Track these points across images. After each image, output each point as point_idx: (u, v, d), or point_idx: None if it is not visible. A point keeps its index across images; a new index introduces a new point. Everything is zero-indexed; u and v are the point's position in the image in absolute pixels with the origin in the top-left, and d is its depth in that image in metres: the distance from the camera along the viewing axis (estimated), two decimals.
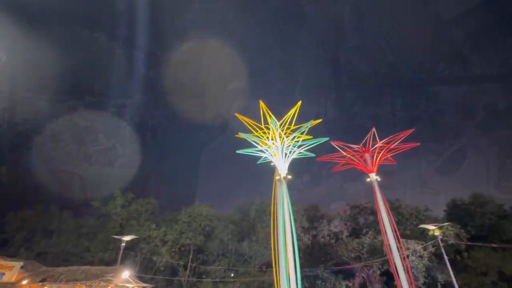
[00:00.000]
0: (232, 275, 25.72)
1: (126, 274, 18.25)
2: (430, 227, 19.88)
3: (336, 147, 14.83)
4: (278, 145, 11.85)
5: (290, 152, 12.12)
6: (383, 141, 14.31)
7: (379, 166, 14.36)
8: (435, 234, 19.24)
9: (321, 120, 14.13)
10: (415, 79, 78.27)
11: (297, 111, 13.64)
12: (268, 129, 13.68)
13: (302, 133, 12.17)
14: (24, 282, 16.52)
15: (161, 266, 25.60)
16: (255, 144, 13.86)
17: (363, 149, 14.73)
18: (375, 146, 14.38)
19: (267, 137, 13.18)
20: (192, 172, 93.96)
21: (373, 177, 13.97)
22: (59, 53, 54.65)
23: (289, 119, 13.67)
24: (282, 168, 11.40)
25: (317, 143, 12.81)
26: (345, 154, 14.88)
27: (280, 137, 12.12)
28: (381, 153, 14.27)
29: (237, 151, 13.70)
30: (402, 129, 14.43)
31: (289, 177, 11.22)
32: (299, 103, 13.73)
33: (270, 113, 13.33)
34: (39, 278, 16.60)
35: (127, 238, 22.46)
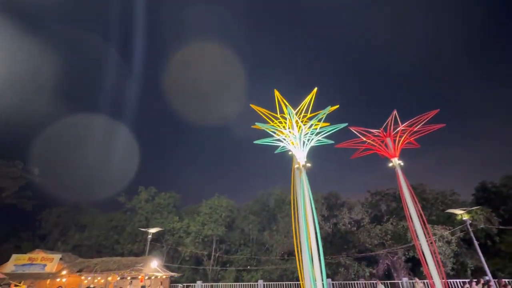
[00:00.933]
0: (255, 263, 26.28)
1: (154, 264, 19.17)
2: (458, 211, 19.09)
3: (355, 132, 14.39)
4: (296, 134, 11.70)
5: (308, 140, 11.94)
6: (405, 123, 13.71)
7: (402, 149, 13.83)
8: (464, 218, 18.48)
9: (338, 106, 13.69)
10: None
11: (313, 98, 13.31)
12: (284, 118, 13.52)
13: (319, 120, 11.93)
14: (64, 272, 17.85)
15: (186, 256, 26.66)
16: (272, 134, 13.79)
17: (384, 133, 14.20)
18: (397, 130, 13.82)
19: (284, 126, 13.04)
20: (209, 166, 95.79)
21: (396, 161, 13.49)
22: (56, 54, 55.08)
23: (305, 107, 13.42)
24: (300, 156, 11.28)
25: (336, 130, 12.49)
26: (365, 139, 14.44)
27: (297, 125, 11.94)
28: (403, 137, 13.71)
29: (255, 142, 13.70)
30: (426, 110, 13.65)
31: (308, 165, 11.10)
32: (315, 89, 13.36)
33: (286, 102, 13.14)
34: (77, 268, 17.86)
35: (153, 230, 23.51)
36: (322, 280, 8.73)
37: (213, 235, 27.38)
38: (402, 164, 13.53)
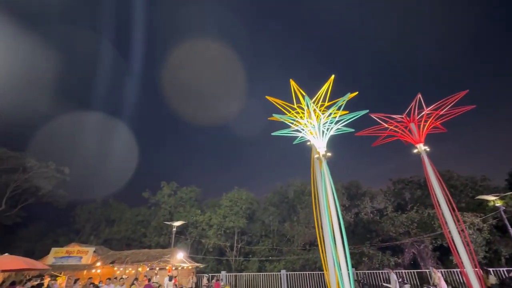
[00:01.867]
0: (276, 254, 26.59)
1: (180, 255, 19.96)
2: (490, 197, 18.03)
3: (377, 119, 13.86)
4: (314, 123, 11.49)
5: (327, 129, 11.70)
6: (430, 107, 13.01)
7: (427, 135, 13.17)
8: (497, 205, 17.45)
9: (357, 92, 13.24)
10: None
11: (330, 86, 12.96)
12: (301, 108, 13.31)
13: (338, 108, 11.61)
14: (98, 264, 19.10)
15: (210, 248, 27.50)
16: (289, 125, 13.66)
17: (407, 118, 13.58)
18: (422, 114, 13.15)
19: (301, 117, 12.85)
20: (226, 160, 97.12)
21: (421, 147, 12.89)
22: (55, 53, 55.75)
23: (322, 95, 13.10)
24: (320, 146, 11.10)
25: (356, 117, 12.10)
26: (387, 126, 13.89)
27: (316, 114, 11.72)
28: (428, 121, 13.03)
29: (273, 134, 13.64)
30: (452, 93, 12.77)
31: (329, 154, 10.90)
32: (332, 77, 12.97)
33: (302, 92, 12.91)
34: (109, 260, 19.04)
35: (177, 223, 24.39)
36: (348, 270, 8.68)
37: (235, 227, 27.94)
38: (428, 150, 12.92)
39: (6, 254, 9.67)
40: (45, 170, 30.56)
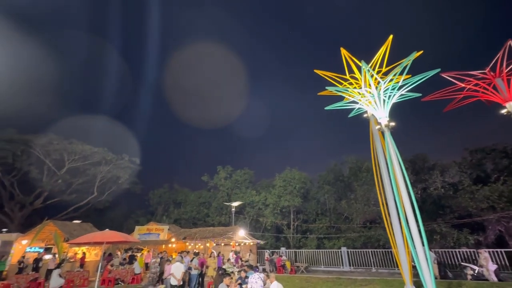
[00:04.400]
0: (334, 231, 26.25)
1: (242, 232, 21.31)
2: None
3: (450, 79, 11.86)
4: (373, 91, 10.45)
5: (388, 97, 10.53)
6: None
7: None
8: None
9: (422, 51, 11.47)
10: None
11: (388, 48, 11.49)
12: (354, 78, 12.23)
13: (402, 72, 10.26)
14: (173, 239, 21.76)
15: (268, 226, 28.66)
16: (342, 97, 12.77)
17: (491, 73, 11.29)
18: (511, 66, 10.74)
19: (356, 86, 11.82)
20: (274, 142, 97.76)
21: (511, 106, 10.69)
22: (56, 56, 57.32)
23: (379, 60, 11.73)
24: (381, 115, 10.11)
25: (424, 79, 10.52)
26: (463, 85, 11.80)
27: (374, 81, 10.62)
28: None
29: (326, 108, 12.93)
30: None
31: (392, 123, 9.87)
32: (390, 37, 11.40)
33: (355, 59, 11.77)
34: (182, 236, 21.48)
35: (235, 204, 25.93)
36: (424, 246, 7.98)
37: (290, 206, 28.37)
38: None
39: (107, 229, 11.63)
40: (121, 161, 35.48)
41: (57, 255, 18.59)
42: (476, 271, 13.05)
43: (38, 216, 29.09)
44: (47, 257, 19.29)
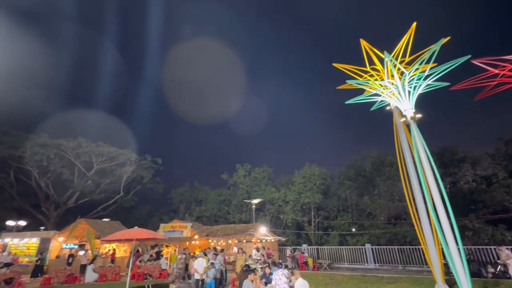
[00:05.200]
0: (357, 228, 25.65)
1: (263, 229, 21.41)
2: None
3: (481, 65, 11.08)
4: (397, 83, 10.02)
5: (414, 88, 10.06)
6: None
7: None
8: None
9: (449, 37, 10.79)
10: None
11: (412, 36, 10.94)
12: (375, 70, 11.78)
13: (428, 61, 9.73)
14: (196, 236, 22.33)
15: (289, 223, 28.59)
16: (363, 90, 12.38)
17: None
18: None
19: (378, 78, 11.39)
20: (290, 140, 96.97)
21: None
22: (53, 51, 57.45)
23: (402, 49, 11.20)
24: (407, 107, 9.69)
25: (454, 66, 9.91)
26: (497, 71, 10.99)
27: (397, 71, 10.18)
28: None
29: (346, 102, 12.58)
30: None
31: (419, 115, 9.43)
32: (414, 24, 10.84)
33: (376, 50, 11.33)
34: (205, 233, 22.00)
35: (255, 201, 26.09)
36: (457, 244, 7.59)
37: (310, 203, 28.06)
38: None
39: (136, 227, 12.15)
40: (144, 162, 36.88)
41: (89, 251, 19.77)
42: (497, 269, 12.37)
43: (71, 215, 31.13)
44: (81, 253, 20.61)
